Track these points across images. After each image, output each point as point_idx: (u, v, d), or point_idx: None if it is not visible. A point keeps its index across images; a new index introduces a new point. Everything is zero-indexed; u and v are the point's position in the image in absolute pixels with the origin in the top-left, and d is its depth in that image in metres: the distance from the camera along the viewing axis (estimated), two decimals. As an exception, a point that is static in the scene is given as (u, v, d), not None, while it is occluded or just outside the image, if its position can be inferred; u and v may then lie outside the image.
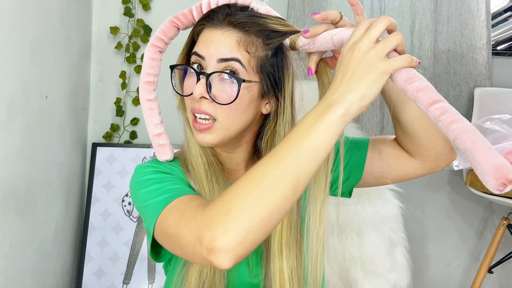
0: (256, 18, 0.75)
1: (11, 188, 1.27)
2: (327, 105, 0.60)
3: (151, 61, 0.80)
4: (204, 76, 0.73)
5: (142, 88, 0.81)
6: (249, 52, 0.74)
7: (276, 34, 0.76)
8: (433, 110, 0.58)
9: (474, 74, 1.99)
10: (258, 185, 0.59)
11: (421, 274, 2.12)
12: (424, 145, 0.82)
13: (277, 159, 0.60)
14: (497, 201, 1.75)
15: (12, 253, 1.30)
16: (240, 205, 0.58)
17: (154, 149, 0.82)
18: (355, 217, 1.62)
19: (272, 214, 0.59)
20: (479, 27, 1.98)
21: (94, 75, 1.95)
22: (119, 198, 1.82)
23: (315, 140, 0.59)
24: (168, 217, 0.68)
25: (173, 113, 0.86)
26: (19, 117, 1.30)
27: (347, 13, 1.96)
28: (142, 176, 0.78)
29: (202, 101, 0.74)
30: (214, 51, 0.73)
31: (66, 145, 1.69)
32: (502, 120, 1.81)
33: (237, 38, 0.74)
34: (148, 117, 0.81)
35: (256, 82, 0.75)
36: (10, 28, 1.23)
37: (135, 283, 1.76)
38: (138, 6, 1.91)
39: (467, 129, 0.55)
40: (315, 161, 0.60)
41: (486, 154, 0.53)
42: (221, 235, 0.57)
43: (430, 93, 0.58)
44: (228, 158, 0.84)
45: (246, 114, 0.76)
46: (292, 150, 0.59)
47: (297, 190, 0.60)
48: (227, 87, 0.73)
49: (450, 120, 0.56)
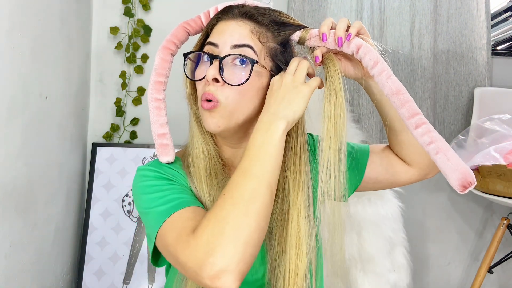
0: (268, 11, 0.80)
1: (11, 188, 1.27)
2: (270, 122, 0.72)
3: (162, 62, 0.83)
4: (218, 59, 0.75)
5: (151, 87, 0.82)
6: (261, 41, 0.77)
7: (286, 27, 0.79)
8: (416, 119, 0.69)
9: (474, 74, 2.00)
10: (240, 201, 0.65)
11: (421, 274, 2.12)
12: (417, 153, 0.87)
13: (247, 175, 0.68)
14: (497, 201, 1.75)
15: (12, 253, 1.30)
16: (231, 224, 0.62)
17: (157, 149, 0.82)
18: (355, 217, 1.62)
19: (260, 223, 0.65)
20: (479, 27, 1.98)
21: (94, 75, 1.95)
22: (119, 198, 1.82)
23: (272, 151, 0.70)
24: (167, 233, 0.70)
25: (175, 117, 0.87)
26: (19, 117, 1.30)
27: (347, 12, 1.96)
28: (144, 181, 0.79)
29: (213, 84, 0.76)
30: (228, 38, 0.77)
31: (66, 145, 1.69)
32: (502, 120, 1.81)
33: (251, 27, 0.77)
34: (155, 116, 0.82)
35: (267, 70, 0.78)
36: (10, 28, 1.23)
37: (135, 283, 1.76)
38: (138, 6, 1.91)
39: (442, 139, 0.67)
40: (276, 168, 0.70)
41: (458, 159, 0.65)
42: (221, 258, 0.60)
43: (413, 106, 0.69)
44: (233, 154, 0.85)
45: (254, 101, 0.78)
46: (257, 164, 0.69)
47: (273, 195, 0.69)
48: (238, 71, 0.76)
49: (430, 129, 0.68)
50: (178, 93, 0.88)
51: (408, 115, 0.69)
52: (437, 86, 1.99)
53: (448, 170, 0.64)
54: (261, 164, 0.68)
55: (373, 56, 0.74)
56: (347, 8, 1.96)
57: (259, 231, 0.64)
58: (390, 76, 0.72)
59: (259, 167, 0.68)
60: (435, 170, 0.91)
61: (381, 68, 0.72)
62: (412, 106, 0.69)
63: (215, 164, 0.82)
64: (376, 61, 0.73)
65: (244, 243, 0.62)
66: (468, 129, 1.85)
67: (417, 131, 0.68)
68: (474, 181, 0.63)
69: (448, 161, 0.65)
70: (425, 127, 0.68)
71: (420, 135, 0.68)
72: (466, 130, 1.86)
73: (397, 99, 0.70)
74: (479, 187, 1.79)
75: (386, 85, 0.71)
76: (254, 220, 0.64)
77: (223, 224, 0.62)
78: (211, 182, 0.80)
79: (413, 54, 1.97)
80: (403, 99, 0.70)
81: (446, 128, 2.01)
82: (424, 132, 0.67)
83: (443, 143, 0.66)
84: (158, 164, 0.82)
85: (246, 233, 0.62)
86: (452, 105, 2.01)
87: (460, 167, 0.64)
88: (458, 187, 0.64)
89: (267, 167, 0.68)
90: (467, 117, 2.00)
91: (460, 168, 0.64)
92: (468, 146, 1.81)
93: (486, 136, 1.79)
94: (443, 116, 2.01)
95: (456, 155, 0.65)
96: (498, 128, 1.78)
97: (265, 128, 0.71)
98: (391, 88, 0.71)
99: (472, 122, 1.88)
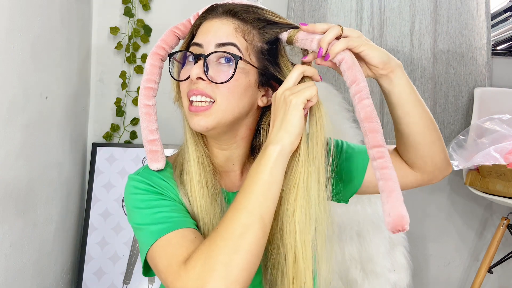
0: (253, 8, 0.78)
1: (11, 188, 1.27)
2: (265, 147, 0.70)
3: (152, 68, 0.82)
4: (202, 57, 0.74)
5: (141, 93, 0.82)
6: (246, 39, 0.76)
7: (272, 25, 0.77)
8: (375, 152, 0.69)
9: (474, 74, 2.00)
10: (231, 237, 0.64)
11: (421, 274, 2.12)
12: (423, 158, 0.84)
13: (240, 208, 0.66)
14: (497, 201, 1.75)
15: (12, 253, 1.30)
16: (221, 260, 0.62)
17: (147, 155, 0.81)
18: (355, 217, 1.62)
19: (252, 258, 0.64)
20: (479, 27, 1.98)
21: (94, 75, 1.95)
22: (119, 198, 1.82)
23: (266, 179, 0.67)
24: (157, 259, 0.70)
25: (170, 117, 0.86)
26: (19, 117, 1.30)
27: (347, 12, 1.96)
28: (134, 194, 0.78)
29: (199, 82, 0.74)
30: (212, 38, 0.75)
31: (66, 145, 1.69)
32: (502, 120, 1.81)
33: (235, 25, 0.76)
34: (145, 122, 0.82)
35: (253, 67, 0.76)
36: (10, 28, 1.23)
37: (135, 283, 1.76)
38: (138, 6, 1.91)
39: (393, 178, 0.68)
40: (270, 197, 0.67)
41: (397, 202, 0.66)
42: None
43: (378, 137, 0.70)
44: (223, 156, 0.84)
45: (243, 100, 0.76)
46: (249, 196, 0.66)
47: (265, 228, 0.66)
48: (224, 69, 0.75)
49: (384, 165, 0.69)
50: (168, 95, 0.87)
51: (370, 146, 0.70)
52: (437, 86, 2.00)
53: (384, 211, 0.67)
54: (253, 196, 0.66)
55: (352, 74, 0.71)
56: (347, 8, 1.96)
57: (250, 267, 0.64)
58: (362, 100, 0.70)
59: (251, 200, 0.66)
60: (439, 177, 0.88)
61: (356, 90, 0.71)
62: (375, 136, 0.69)
63: (205, 170, 0.80)
64: (353, 80, 0.71)
65: (234, 281, 0.62)
66: (468, 129, 1.85)
67: (373, 164, 0.69)
68: (404, 228, 0.65)
69: (387, 202, 0.67)
70: (380, 162, 0.68)
71: (375, 168, 0.69)
72: (466, 130, 1.86)
73: (364, 126, 0.70)
74: (479, 187, 1.79)
75: (356, 108, 0.71)
76: (245, 255, 0.63)
77: (214, 261, 0.62)
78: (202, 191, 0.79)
79: (413, 54, 1.97)
80: (370, 127, 0.70)
81: (446, 128, 2.01)
82: (378, 166, 0.69)
83: (392, 183, 0.67)
84: (148, 175, 0.80)
85: (236, 271, 0.62)
86: (452, 105, 2.01)
87: (393, 212, 0.65)
88: (390, 230, 0.66)
89: (259, 199, 0.66)
90: (467, 117, 2.00)
91: (393, 213, 0.65)
92: (468, 146, 1.81)
93: (486, 136, 1.79)
94: (443, 116, 2.01)
95: (398, 197, 0.66)
96: (498, 128, 1.78)
97: (260, 155, 0.69)
98: (359, 113, 0.71)
99: (472, 122, 1.88)
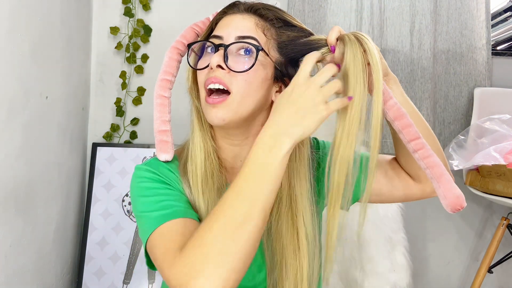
0: (274, 8, 0.80)
1: (11, 188, 1.27)
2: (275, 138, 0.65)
3: (170, 61, 0.83)
4: (222, 47, 0.75)
5: (158, 85, 0.83)
6: (265, 35, 0.77)
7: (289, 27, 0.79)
8: (413, 145, 0.73)
9: (474, 74, 2.00)
10: (229, 225, 0.61)
11: (421, 274, 2.12)
12: None
13: (242, 196, 0.63)
14: (497, 201, 1.75)
15: (12, 253, 1.30)
16: (217, 249, 0.60)
17: (156, 145, 0.81)
18: (355, 217, 1.62)
19: (248, 250, 0.61)
20: (479, 27, 1.98)
21: (94, 75, 1.95)
22: (119, 198, 1.82)
23: (274, 172, 0.64)
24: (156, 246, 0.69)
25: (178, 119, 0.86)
26: (19, 117, 1.30)
27: (347, 13, 1.96)
28: (140, 182, 0.78)
29: (217, 70, 0.74)
30: (233, 31, 0.76)
31: (66, 145, 1.69)
32: (502, 120, 1.81)
33: (256, 20, 0.77)
34: (159, 112, 0.82)
35: (271, 61, 0.77)
36: (10, 28, 1.23)
37: (135, 283, 1.76)
38: (138, 6, 1.91)
39: (438, 163, 0.71)
40: (274, 190, 0.64)
41: (449, 184, 0.70)
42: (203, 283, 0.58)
43: (412, 131, 0.73)
44: (232, 153, 0.83)
45: (259, 92, 0.76)
46: (254, 185, 0.63)
47: (266, 219, 0.64)
48: (243, 60, 0.75)
49: (426, 154, 0.72)
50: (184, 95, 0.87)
51: (406, 140, 0.73)
52: (437, 86, 2.00)
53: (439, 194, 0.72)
54: (258, 186, 0.63)
55: None
56: (347, 8, 1.96)
57: (246, 257, 0.61)
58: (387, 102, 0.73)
59: (255, 189, 0.63)
60: None
61: None
62: (410, 131, 0.72)
63: (211, 162, 0.80)
64: None
65: (229, 270, 0.59)
66: (468, 129, 1.85)
67: (415, 156, 0.73)
68: (462, 205, 0.70)
69: (439, 187, 0.71)
70: (421, 153, 0.72)
71: (417, 159, 0.73)
72: (466, 130, 1.86)
73: (395, 124, 0.73)
74: (479, 187, 1.79)
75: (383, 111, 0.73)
76: (242, 247, 0.60)
77: (209, 248, 0.60)
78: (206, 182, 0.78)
79: (413, 54, 1.97)
80: (402, 124, 0.73)
81: (446, 128, 2.01)
82: (420, 157, 0.72)
83: (438, 169, 0.71)
84: (155, 165, 0.80)
85: (232, 260, 0.59)
86: (452, 105, 2.01)
87: (448, 194, 0.70)
88: (450, 211, 0.71)
89: (264, 190, 0.63)
90: (467, 117, 2.00)
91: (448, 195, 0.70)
92: (468, 146, 1.81)
93: (486, 136, 1.79)
94: (443, 116, 2.01)
95: (449, 179, 0.71)
96: (498, 128, 1.78)
97: (268, 146, 0.64)
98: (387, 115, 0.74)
99: (472, 122, 1.88)
